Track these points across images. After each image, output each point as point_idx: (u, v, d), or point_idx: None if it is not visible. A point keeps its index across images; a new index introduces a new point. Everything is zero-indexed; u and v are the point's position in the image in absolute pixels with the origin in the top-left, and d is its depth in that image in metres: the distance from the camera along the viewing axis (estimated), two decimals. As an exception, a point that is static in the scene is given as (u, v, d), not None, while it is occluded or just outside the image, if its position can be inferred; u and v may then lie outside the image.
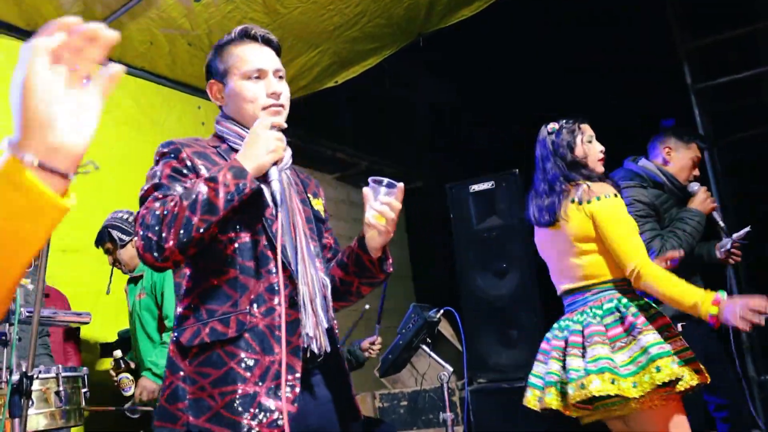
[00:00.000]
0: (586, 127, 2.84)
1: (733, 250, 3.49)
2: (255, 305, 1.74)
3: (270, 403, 1.68)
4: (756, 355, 4.90)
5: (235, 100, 1.94)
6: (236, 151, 1.84)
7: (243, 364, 1.70)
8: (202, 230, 1.65)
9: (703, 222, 3.30)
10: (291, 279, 1.80)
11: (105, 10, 4.17)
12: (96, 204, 4.45)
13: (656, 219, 3.33)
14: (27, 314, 1.99)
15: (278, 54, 2.01)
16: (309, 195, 2.08)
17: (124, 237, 3.79)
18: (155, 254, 1.66)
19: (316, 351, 1.79)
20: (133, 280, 3.84)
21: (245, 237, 1.79)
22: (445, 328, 5.57)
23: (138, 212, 1.73)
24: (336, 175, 7.56)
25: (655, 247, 3.22)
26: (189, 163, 1.82)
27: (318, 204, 2.10)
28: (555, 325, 2.82)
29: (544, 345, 2.83)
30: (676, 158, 3.53)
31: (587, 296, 2.72)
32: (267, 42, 1.99)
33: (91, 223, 3.96)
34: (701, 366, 2.53)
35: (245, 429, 1.65)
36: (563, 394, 2.61)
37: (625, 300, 2.62)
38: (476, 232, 4.70)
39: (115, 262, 3.83)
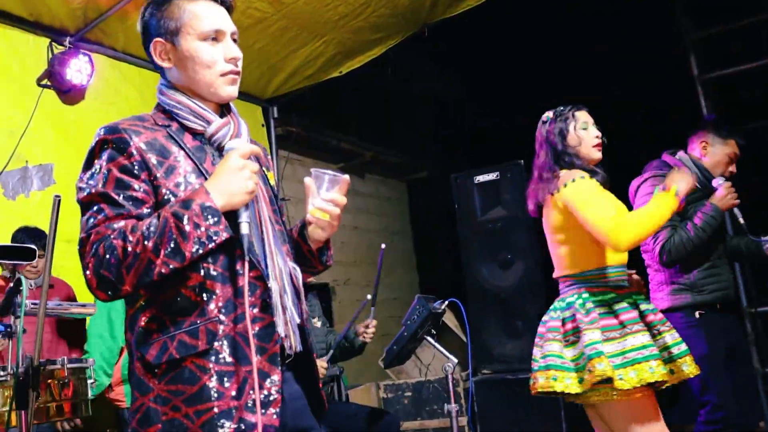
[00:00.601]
0: (580, 114, 2.82)
1: None
2: (224, 312, 1.58)
3: (251, 417, 1.53)
4: (761, 348, 4.90)
5: (189, 64, 1.70)
6: (188, 130, 1.70)
7: (217, 379, 1.55)
8: (163, 273, 1.51)
9: (718, 218, 3.28)
10: (260, 279, 1.63)
11: (110, 1, 4.16)
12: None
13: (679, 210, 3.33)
14: (32, 306, 1.99)
15: (230, 14, 1.79)
16: (264, 169, 1.85)
17: None
18: (110, 293, 1.54)
19: (287, 350, 1.64)
20: None
21: None
22: (449, 319, 5.58)
23: (86, 231, 1.56)
24: (340, 165, 7.58)
25: (662, 237, 3.24)
26: (139, 160, 1.60)
27: (272, 178, 1.90)
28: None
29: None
30: (711, 153, 3.52)
31: (561, 287, 2.78)
32: (224, 3, 1.77)
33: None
34: (667, 363, 2.53)
35: None
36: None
37: (586, 294, 2.63)
38: (481, 223, 4.70)
39: None
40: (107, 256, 1.50)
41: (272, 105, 6.22)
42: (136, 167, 1.60)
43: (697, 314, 3.27)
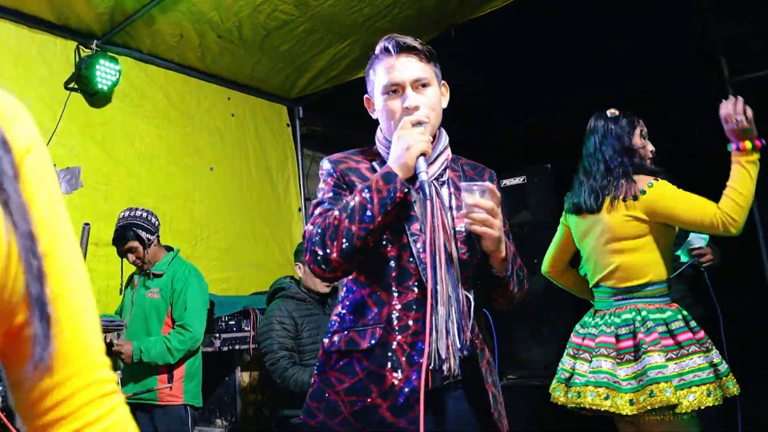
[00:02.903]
0: (643, 123, 2.82)
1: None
2: (390, 321, 1.77)
3: (391, 419, 1.71)
4: None
5: (380, 117, 1.94)
6: None
7: (371, 377, 1.74)
8: (361, 238, 1.70)
9: None
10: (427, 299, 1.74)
11: (136, 4, 4.17)
12: (127, 196, 4.49)
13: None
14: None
15: (428, 58, 1.92)
16: (451, 193, 1.95)
17: (150, 237, 3.70)
18: (323, 267, 1.73)
19: (445, 373, 1.75)
20: (148, 275, 3.74)
21: (391, 251, 1.81)
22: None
23: (305, 230, 1.82)
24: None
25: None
26: (343, 179, 1.88)
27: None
28: (585, 319, 2.82)
29: (575, 339, 2.82)
30: None
31: (612, 301, 2.70)
32: (405, 50, 1.89)
33: (123, 215, 3.95)
34: (726, 383, 2.48)
35: None
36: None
37: (645, 312, 2.57)
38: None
39: (137, 261, 3.71)
40: (315, 236, 1.75)
41: (298, 105, 6.22)
42: (344, 184, 1.88)
43: None
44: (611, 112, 2.83)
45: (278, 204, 5.96)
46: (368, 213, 1.70)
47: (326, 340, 1.87)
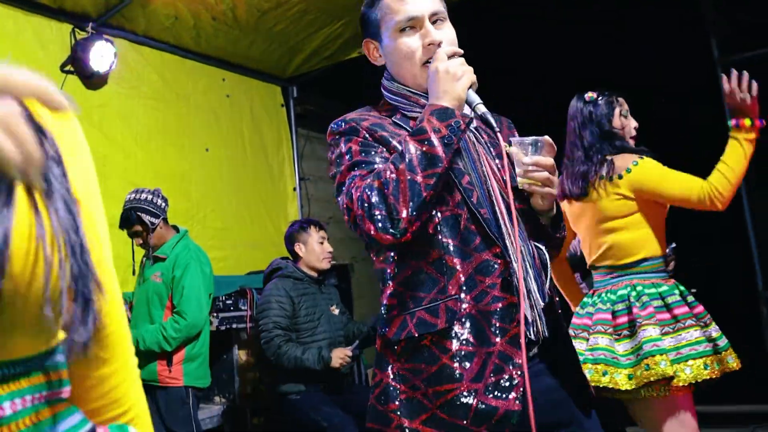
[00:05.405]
0: (623, 101, 2.80)
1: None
2: (465, 290, 1.52)
3: (491, 401, 1.47)
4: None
5: (392, 59, 1.70)
6: (411, 119, 1.67)
7: (457, 359, 1.49)
8: (431, 187, 1.46)
9: None
10: (500, 256, 1.54)
11: (131, -13, 4.20)
12: (124, 177, 4.54)
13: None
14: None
15: None
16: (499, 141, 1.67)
17: (154, 220, 3.71)
18: (392, 231, 1.47)
19: (532, 337, 1.55)
20: (152, 259, 3.79)
21: (445, 211, 1.56)
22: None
23: (347, 196, 1.54)
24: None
25: None
26: (371, 136, 1.62)
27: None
28: (584, 300, 2.82)
29: (575, 320, 2.81)
30: None
31: (607, 278, 2.72)
32: None
33: (119, 195, 3.96)
34: (726, 357, 2.49)
35: None
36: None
37: (640, 287, 2.59)
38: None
39: (143, 244, 3.78)
40: (372, 198, 1.48)
41: (292, 85, 6.26)
42: (374, 140, 1.62)
43: None
44: (589, 95, 2.80)
45: (273, 183, 6.02)
46: (432, 156, 1.46)
47: (386, 331, 1.59)
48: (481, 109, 1.52)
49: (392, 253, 1.61)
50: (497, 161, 1.66)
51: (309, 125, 6.67)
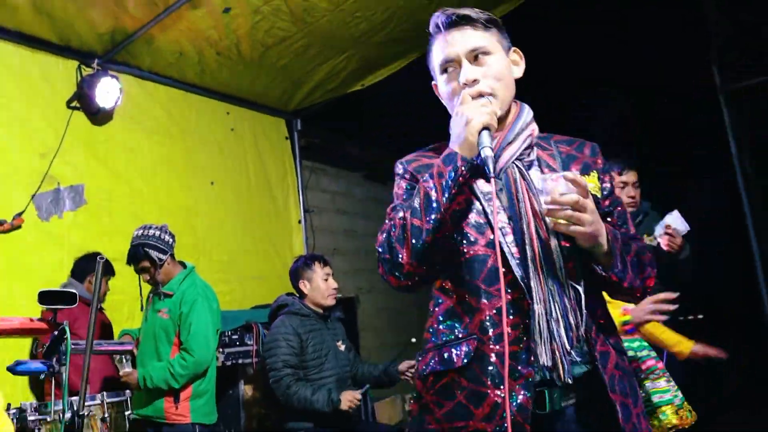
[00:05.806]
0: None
1: None
2: (484, 330, 1.53)
3: None
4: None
5: (445, 102, 1.73)
6: None
7: (471, 398, 1.51)
8: (431, 232, 1.50)
9: None
10: (524, 298, 1.53)
11: (135, 24, 4.24)
12: (129, 212, 4.55)
13: None
14: (73, 347, 2.04)
15: (486, 26, 1.67)
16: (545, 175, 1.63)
17: (162, 256, 3.69)
18: (396, 274, 1.54)
19: (557, 383, 1.51)
20: (159, 295, 3.77)
21: (476, 251, 1.57)
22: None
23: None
24: (364, 173, 7.61)
25: None
26: (415, 178, 1.68)
27: (591, 180, 1.67)
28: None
29: None
30: None
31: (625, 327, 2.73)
32: (456, 23, 1.66)
33: (125, 230, 4.00)
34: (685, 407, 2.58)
35: None
36: None
37: (637, 344, 2.67)
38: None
39: (150, 280, 3.76)
40: (383, 241, 1.57)
41: (296, 117, 6.29)
42: (413, 182, 1.69)
43: None
44: None
45: (278, 216, 6.03)
46: (432, 200, 1.50)
47: (420, 362, 1.64)
48: (485, 153, 1.48)
49: (433, 291, 1.67)
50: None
51: (313, 157, 6.69)
